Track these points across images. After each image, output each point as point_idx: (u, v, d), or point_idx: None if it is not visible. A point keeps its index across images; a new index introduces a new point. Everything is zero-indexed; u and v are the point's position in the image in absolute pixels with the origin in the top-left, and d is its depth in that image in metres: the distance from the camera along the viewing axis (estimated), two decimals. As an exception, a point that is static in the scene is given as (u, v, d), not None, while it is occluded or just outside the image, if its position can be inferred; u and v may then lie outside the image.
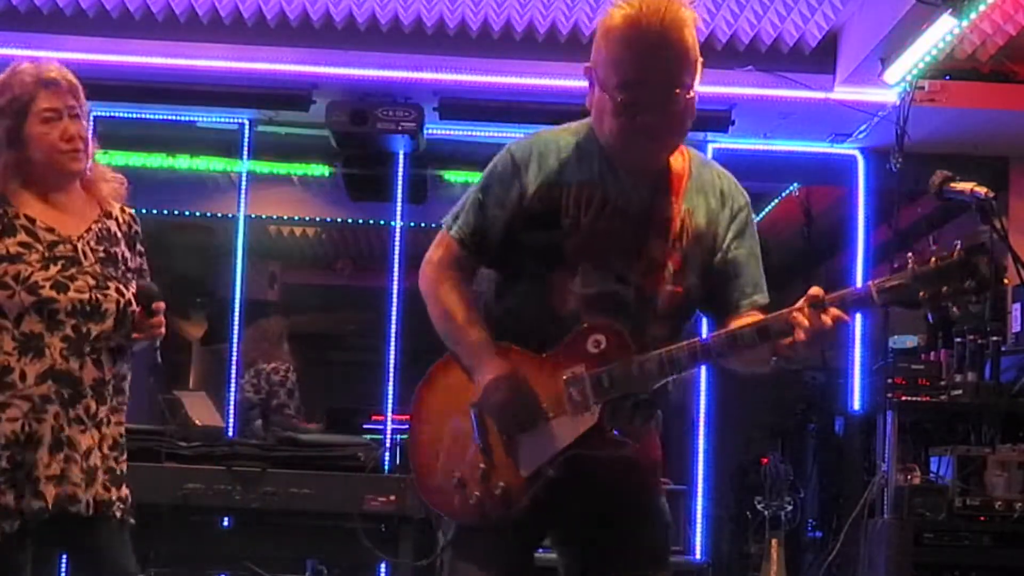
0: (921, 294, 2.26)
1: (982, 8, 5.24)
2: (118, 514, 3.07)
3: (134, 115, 6.44)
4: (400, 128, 6.24)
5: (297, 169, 7.62)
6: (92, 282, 3.04)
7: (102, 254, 3.10)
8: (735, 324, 2.40)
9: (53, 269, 3.01)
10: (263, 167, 7.28)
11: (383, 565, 5.66)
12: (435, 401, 2.54)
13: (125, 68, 6.06)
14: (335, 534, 5.12)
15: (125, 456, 3.15)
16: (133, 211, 3.29)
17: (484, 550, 2.45)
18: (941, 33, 5.32)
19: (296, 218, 8.73)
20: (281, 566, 5.28)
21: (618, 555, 2.49)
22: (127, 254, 3.18)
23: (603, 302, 2.41)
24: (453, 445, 2.46)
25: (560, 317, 2.42)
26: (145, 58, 6.08)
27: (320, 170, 7.51)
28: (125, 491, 3.11)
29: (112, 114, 6.39)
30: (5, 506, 2.93)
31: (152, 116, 6.54)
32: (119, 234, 3.18)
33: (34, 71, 3.12)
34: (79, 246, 3.07)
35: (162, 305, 3.11)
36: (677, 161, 2.49)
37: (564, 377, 2.38)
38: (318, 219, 8.70)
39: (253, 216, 7.12)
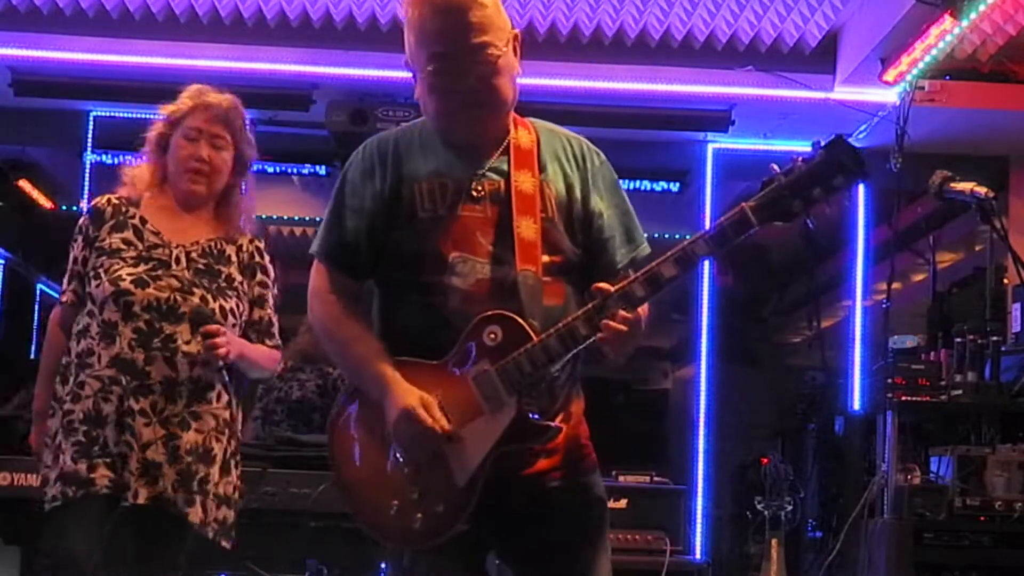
0: (796, 203, 2.22)
1: (982, 8, 5.24)
2: (180, 514, 3.10)
3: (134, 115, 6.43)
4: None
5: (297, 169, 7.62)
6: (176, 285, 3.17)
7: (200, 266, 3.23)
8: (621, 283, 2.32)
9: (142, 267, 3.18)
10: (263, 167, 7.28)
11: (383, 565, 5.66)
12: (348, 441, 2.48)
13: (125, 68, 6.07)
14: (335, 534, 5.11)
15: (210, 467, 3.16)
16: (260, 244, 3.41)
17: (438, 570, 2.42)
18: (941, 33, 5.32)
19: (296, 218, 8.73)
20: (281, 566, 5.28)
21: (552, 541, 2.43)
22: (238, 277, 3.28)
23: (485, 290, 2.35)
24: (379, 477, 2.40)
25: (446, 317, 2.36)
26: (145, 58, 6.08)
27: (320, 170, 7.51)
28: (195, 499, 3.12)
29: (112, 114, 6.39)
30: (76, 473, 3.05)
31: (152, 116, 6.52)
32: (234, 258, 3.30)
33: (198, 91, 3.36)
34: (175, 252, 3.22)
35: (213, 328, 3.13)
36: (524, 136, 2.47)
37: (471, 377, 2.31)
38: (318, 219, 8.65)
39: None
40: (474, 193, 2.40)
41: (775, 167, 2.26)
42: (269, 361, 3.38)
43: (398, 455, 2.37)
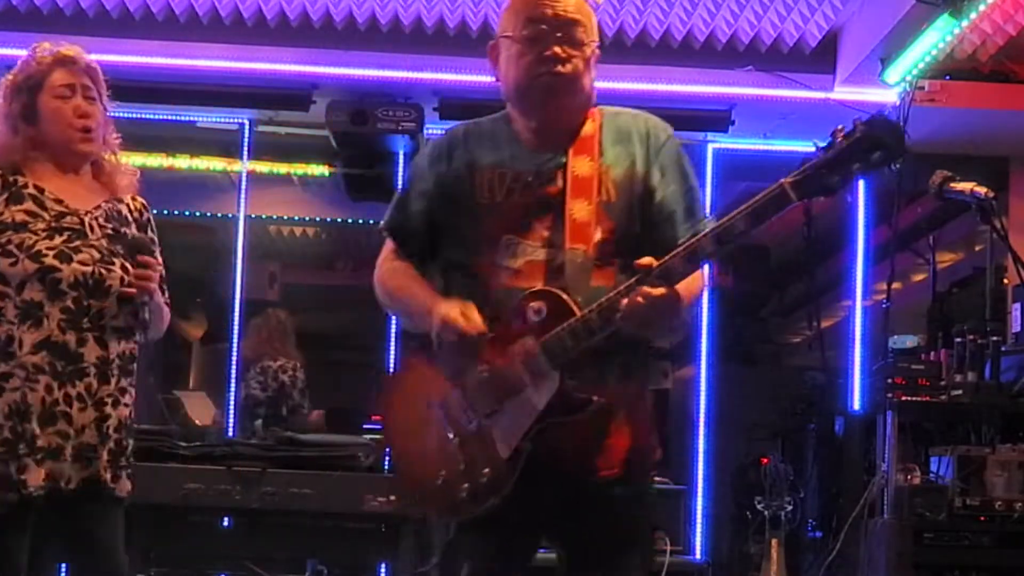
0: (835, 178, 2.23)
1: (982, 8, 5.24)
2: (113, 493, 3.04)
3: (134, 115, 6.43)
4: (400, 128, 6.24)
5: (297, 169, 7.62)
6: (97, 255, 3.03)
7: (110, 231, 3.09)
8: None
9: (58, 239, 3.00)
10: (263, 167, 7.28)
11: (383, 565, 5.66)
12: (399, 414, 2.56)
13: (125, 68, 6.05)
14: (335, 534, 5.12)
15: (131, 439, 3.13)
16: (143, 200, 3.28)
17: (483, 546, 2.46)
18: (941, 33, 5.32)
19: (296, 218, 8.73)
20: (281, 566, 5.28)
21: (593, 543, 2.49)
22: (137, 235, 3.16)
23: (534, 270, 2.43)
24: (428, 449, 2.46)
25: (494, 296, 2.43)
26: (145, 58, 6.08)
27: (320, 170, 7.51)
28: (126, 473, 3.08)
29: (112, 114, 6.36)
30: (6, 476, 2.92)
31: (152, 116, 6.53)
32: (129, 217, 3.18)
33: (51, 49, 3.15)
34: (86, 220, 3.07)
35: (149, 259, 3.06)
36: (587, 126, 2.53)
37: (516, 353, 2.37)
38: (318, 219, 8.70)
39: (253, 216, 7.12)
40: (531, 179, 2.48)
41: (817, 144, 2.28)
42: (163, 319, 3.24)
43: (445, 420, 2.42)
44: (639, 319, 2.28)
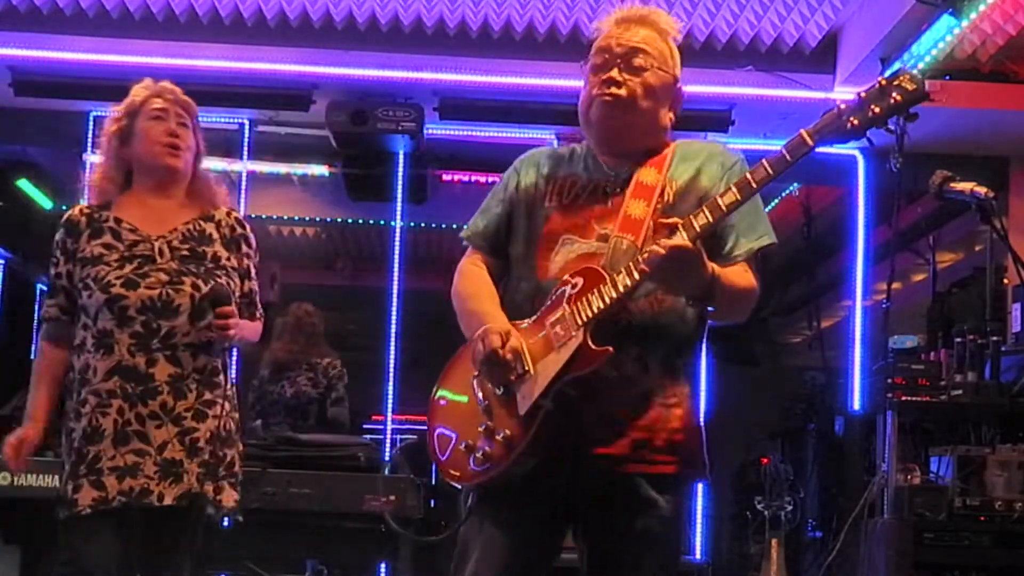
0: (851, 122, 2.36)
1: (982, 8, 5.24)
2: (210, 511, 3.12)
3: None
4: (400, 128, 6.25)
5: (297, 169, 7.62)
6: (165, 278, 3.12)
7: (185, 252, 3.18)
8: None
9: (128, 268, 3.13)
10: (263, 167, 7.28)
11: (383, 565, 5.66)
12: (448, 388, 2.61)
13: (125, 68, 6.06)
14: (335, 534, 5.12)
15: (232, 450, 3.18)
16: (239, 215, 3.38)
17: (505, 517, 2.49)
18: (941, 33, 5.32)
19: (296, 218, 8.74)
20: (281, 566, 5.28)
21: (616, 540, 2.50)
22: (223, 253, 3.24)
23: (583, 260, 2.52)
24: (463, 420, 2.52)
25: (544, 287, 2.53)
26: (145, 58, 6.08)
27: (320, 170, 7.52)
28: (224, 486, 3.14)
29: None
30: (64, 494, 3.06)
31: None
32: (215, 235, 3.26)
33: (151, 81, 3.37)
34: (157, 244, 3.17)
35: (228, 309, 3.12)
36: (661, 150, 2.64)
37: (549, 322, 2.45)
38: (318, 219, 8.71)
39: (253, 216, 7.12)
40: (596, 187, 2.61)
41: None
42: (255, 335, 3.36)
43: (478, 391, 2.50)
44: (660, 269, 2.33)
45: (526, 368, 2.43)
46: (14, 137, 7.03)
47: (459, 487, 2.57)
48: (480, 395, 2.49)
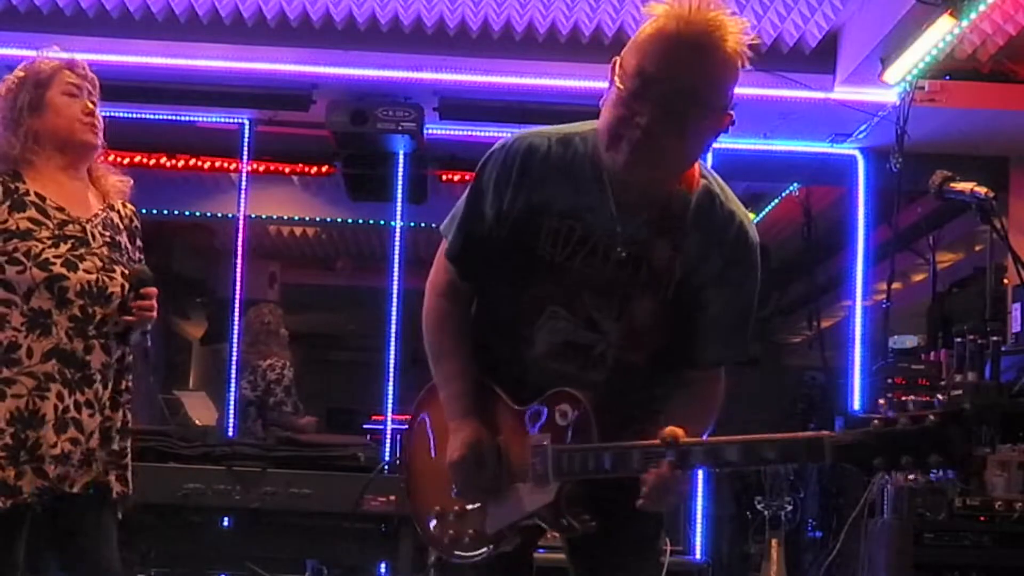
0: (876, 460, 1.92)
1: (982, 8, 5.24)
2: (114, 496, 3.08)
3: (134, 115, 6.44)
4: (400, 128, 6.25)
5: (297, 169, 7.62)
6: (99, 264, 3.06)
7: (108, 239, 3.12)
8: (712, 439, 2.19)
9: (63, 247, 3.03)
10: (263, 167, 7.28)
11: (383, 565, 5.66)
12: (420, 436, 2.54)
13: (125, 68, 6.06)
14: (335, 534, 5.12)
15: (129, 441, 3.16)
16: (133, 206, 3.32)
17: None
18: (941, 33, 5.32)
19: (296, 218, 8.74)
20: (281, 566, 5.28)
21: (604, 545, 2.43)
22: (128, 245, 3.20)
23: (570, 354, 2.31)
24: (432, 482, 2.46)
25: (526, 359, 2.35)
26: (145, 58, 6.08)
27: (320, 170, 7.51)
28: (126, 477, 3.12)
29: (112, 114, 6.36)
30: (2, 481, 2.92)
31: (152, 116, 6.54)
32: (120, 226, 3.21)
33: (58, 55, 3.24)
34: (88, 228, 3.09)
35: (153, 291, 3.10)
36: (680, 196, 2.27)
37: (532, 444, 2.29)
38: (318, 219, 8.71)
39: (253, 216, 7.13)
40: (599, 247, 2.26)
41: (881, 402, 2.15)
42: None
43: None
44: (657, 501, 2.16)
45: (500, 487, 2.34)
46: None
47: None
48: (453, 483, 2.41)
